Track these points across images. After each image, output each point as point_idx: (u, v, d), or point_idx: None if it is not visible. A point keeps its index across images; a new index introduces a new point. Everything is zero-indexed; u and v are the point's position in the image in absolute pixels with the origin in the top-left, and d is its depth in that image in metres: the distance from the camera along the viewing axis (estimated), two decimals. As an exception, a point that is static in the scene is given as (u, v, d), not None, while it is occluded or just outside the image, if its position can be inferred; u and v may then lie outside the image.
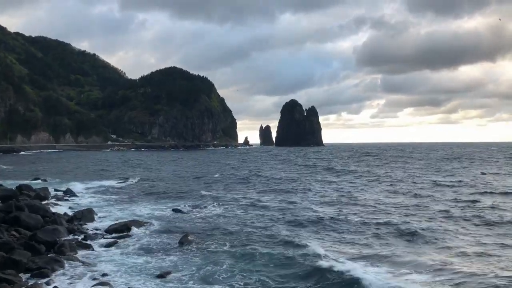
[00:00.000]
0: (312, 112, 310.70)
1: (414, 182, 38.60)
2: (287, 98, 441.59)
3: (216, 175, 48.68)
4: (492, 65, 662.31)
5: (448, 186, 35.15)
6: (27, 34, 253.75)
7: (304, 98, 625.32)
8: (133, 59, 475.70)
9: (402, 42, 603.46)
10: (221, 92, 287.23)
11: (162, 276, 12.69)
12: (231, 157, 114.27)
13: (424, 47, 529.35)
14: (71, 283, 11.88)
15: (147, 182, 40.87)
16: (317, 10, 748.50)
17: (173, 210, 24.34)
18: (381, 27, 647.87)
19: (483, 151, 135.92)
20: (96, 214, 22.10)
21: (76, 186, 35.64)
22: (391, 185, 36.85)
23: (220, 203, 26.92)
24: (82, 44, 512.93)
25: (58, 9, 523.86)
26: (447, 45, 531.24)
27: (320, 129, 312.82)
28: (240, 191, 33.40)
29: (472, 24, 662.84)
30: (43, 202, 24.13)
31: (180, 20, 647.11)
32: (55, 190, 32.21)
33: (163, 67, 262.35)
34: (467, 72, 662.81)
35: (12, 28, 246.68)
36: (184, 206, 25.72)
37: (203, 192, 32.24)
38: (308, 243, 15.99)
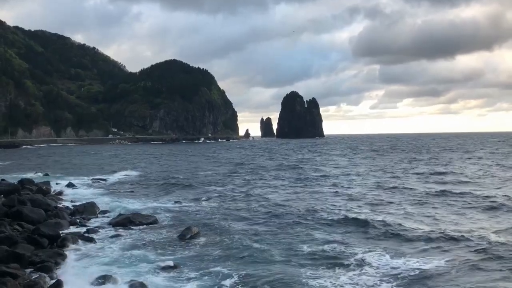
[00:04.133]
0: (313, 104, 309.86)
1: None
2: (285, 90, 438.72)
3: (215, 167, 48.70)
4: (489, 54, 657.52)
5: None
6: (21, 28, 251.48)
7: (303, 89, 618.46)
8: (128, 52, 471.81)
9: (398, 32, 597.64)
10: (219, 84, 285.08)
11: (165, 269, 12.68)
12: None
13: (421, 37, 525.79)
14: (74, 276, 11.87)
15: (149, 176, 40.87)
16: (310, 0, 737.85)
17: (176, 202, 24.40)
18: (376, 16, 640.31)
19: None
20: (98, 208, 22.10)
21: (78, 180, 35.67)
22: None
23: (222, 196, 26.94)
24: (76, 37, 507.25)
25: (51, 2, 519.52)
26: (443, 34, 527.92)
27: (321, 120, 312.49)
28: (239, 185, 33.49)
29: (469, 13, 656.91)
30: (45, 196, 24.16)
31: (172, 11, 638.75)
32: (57, 184, 32.22)
33: (160, 60, 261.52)
34: (465, 61, 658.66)
35: (7, 22, 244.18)
36: (187, 199, 25.73)
37: (205, 185, 32.27)
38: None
